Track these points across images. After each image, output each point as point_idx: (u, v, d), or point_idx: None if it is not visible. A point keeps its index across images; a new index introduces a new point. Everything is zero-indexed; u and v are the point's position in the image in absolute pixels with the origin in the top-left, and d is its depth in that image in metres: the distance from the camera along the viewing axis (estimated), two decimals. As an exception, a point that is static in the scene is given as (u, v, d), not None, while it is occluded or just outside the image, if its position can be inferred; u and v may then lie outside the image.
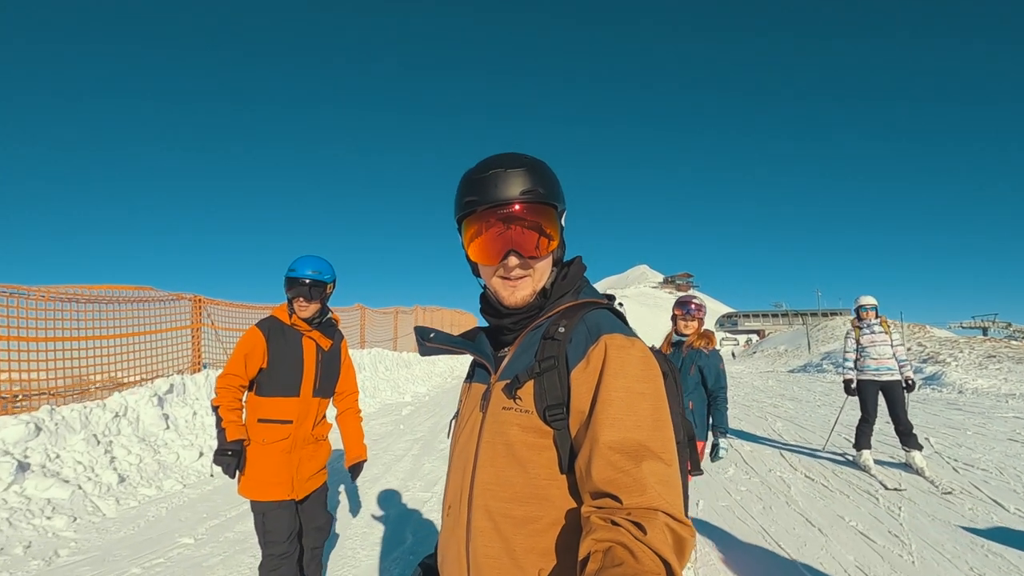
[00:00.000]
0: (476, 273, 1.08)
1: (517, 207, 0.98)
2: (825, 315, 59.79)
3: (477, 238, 1.02)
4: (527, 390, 0.94)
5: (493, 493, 0.92)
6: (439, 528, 1.11)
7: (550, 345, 0.96)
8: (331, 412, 2.85)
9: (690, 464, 1.10)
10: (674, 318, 3.92)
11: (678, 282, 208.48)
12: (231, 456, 2.53)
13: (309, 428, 2.70)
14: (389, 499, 5.07)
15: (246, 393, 2.69)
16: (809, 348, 31.30)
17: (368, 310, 15.54)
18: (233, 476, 2.57)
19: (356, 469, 2.89)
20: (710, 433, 3.83)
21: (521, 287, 1.01)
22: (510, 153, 1.03)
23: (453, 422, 1.12)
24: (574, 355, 0.94)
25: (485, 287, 1.08)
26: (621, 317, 1.03)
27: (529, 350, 0.99)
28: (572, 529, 0.88)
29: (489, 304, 1.08)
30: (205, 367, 7.82)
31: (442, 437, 7.92)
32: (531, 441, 0.92)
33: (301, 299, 2.64)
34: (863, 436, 5.86)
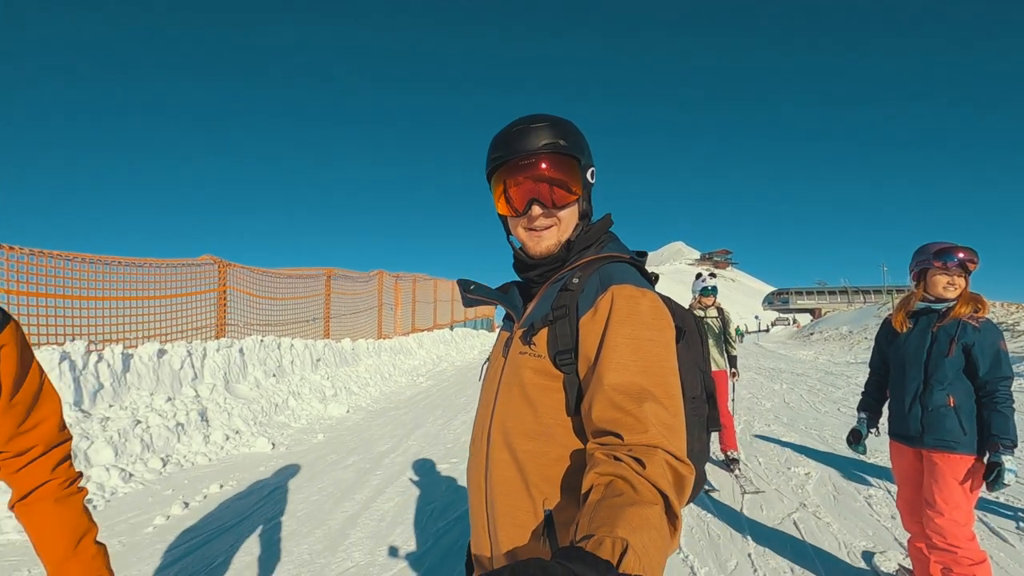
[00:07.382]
0: (508, 231, 1.16)
1: (539, 159, 1.05)
2: (890, 292, 51.55)
3: (504, 191, 1.09)
4: (541, 337, 1.01)
5: (508, 428, 1.02)
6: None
7: (564, 295, 1.03)
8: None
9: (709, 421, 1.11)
10: (922, 273, 2.48)
11: (715, 259, 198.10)
12: None
13: None
14: None
15: None
16: (887, 330, 24.27)
17: (237, 267, 8.84)
18: None
19: None
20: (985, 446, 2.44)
21: (546, 237, 1.08)
22: (536, 113, 1.09)
23: (485, 366, 1.22)
24: (584, 304, 0.99)
25: (515, 244, 1.15)
26: (642, 271, 1.08)
27: (547, 300, 1.06)
28: (575, 466, 0.95)
29: (518, 260, 1.15)
30: None
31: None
32: (542, 383, 1.00)
33: None
34: None
